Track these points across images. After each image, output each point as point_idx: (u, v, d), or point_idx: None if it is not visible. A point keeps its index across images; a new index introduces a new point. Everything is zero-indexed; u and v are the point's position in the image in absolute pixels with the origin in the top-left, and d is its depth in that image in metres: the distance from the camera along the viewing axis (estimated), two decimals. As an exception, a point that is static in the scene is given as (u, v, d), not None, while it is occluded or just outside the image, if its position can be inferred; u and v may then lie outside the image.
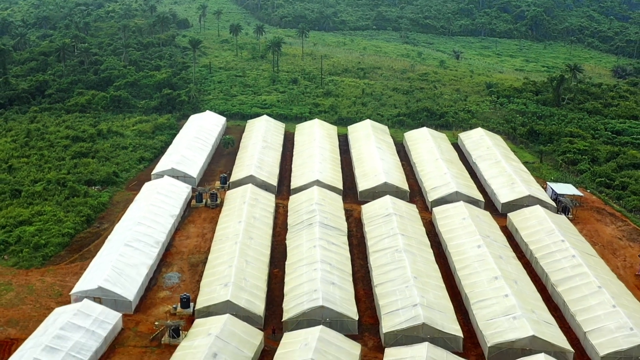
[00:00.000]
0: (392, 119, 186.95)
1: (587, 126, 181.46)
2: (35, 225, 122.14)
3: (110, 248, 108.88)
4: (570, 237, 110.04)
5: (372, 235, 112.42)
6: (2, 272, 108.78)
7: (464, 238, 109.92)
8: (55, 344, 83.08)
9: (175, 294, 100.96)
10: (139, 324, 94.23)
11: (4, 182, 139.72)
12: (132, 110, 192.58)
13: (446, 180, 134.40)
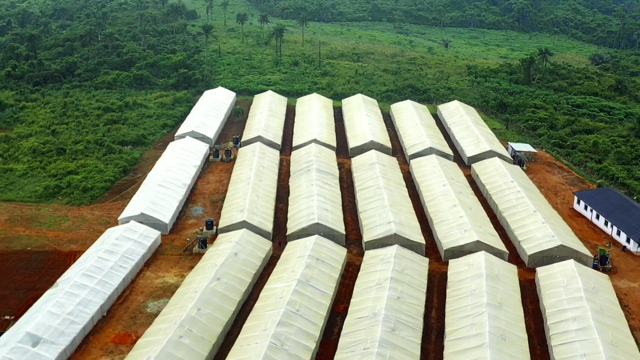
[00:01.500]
0: (381, 94, 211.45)
1: (551, 100, 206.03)
2: (81, 174, 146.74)
3: (147, 188, 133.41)
4: (519, 180, 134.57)
5: (359, 178, 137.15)
6: (58, 208, 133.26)
7: (433, 180, 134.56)
8: (112, 249, 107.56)
9: (201, 221, 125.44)
10: (174, 240, 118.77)
11: (50, 143, 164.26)
12: (152, 87, 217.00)
13: (422, 139, 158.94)
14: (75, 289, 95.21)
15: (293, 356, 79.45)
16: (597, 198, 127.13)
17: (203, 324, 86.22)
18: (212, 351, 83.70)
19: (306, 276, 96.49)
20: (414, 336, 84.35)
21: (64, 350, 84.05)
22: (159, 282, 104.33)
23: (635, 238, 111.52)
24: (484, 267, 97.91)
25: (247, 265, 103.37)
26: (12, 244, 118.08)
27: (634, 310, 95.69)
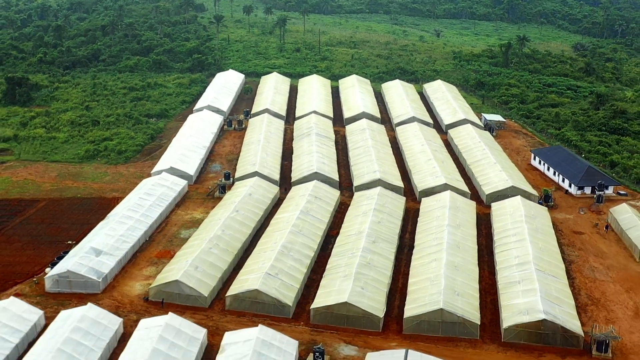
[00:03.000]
0: (374, 76, 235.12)
1: (524, 80, 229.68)
2: (115, 140, 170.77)
3: (173, 149, 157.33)
4: (486, 142, 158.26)
5: (352, 141, 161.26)
6: (99, 167, 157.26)
7: (414, 141, 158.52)
8: (150, 192, 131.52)
9: (220, 174, 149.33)
10: (198, 189, 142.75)
11: (85, 116, 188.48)
12: (170, 70, 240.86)
13: (407, 110, 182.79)
14: (124, 219, 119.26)
15: (296, 260, 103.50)
16: (549, 154, 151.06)
17: (226, 241, 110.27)
18: (234, 260, 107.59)
19: (307, 209, 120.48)
20: (390, 247, 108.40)
21: (119, 261, 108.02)
22: (188, 217, 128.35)
23: (574, 183, 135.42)
24: (448, 201, 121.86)
25: (259, 202, 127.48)
26: (64, 192, 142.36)
27: (566, 233, 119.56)
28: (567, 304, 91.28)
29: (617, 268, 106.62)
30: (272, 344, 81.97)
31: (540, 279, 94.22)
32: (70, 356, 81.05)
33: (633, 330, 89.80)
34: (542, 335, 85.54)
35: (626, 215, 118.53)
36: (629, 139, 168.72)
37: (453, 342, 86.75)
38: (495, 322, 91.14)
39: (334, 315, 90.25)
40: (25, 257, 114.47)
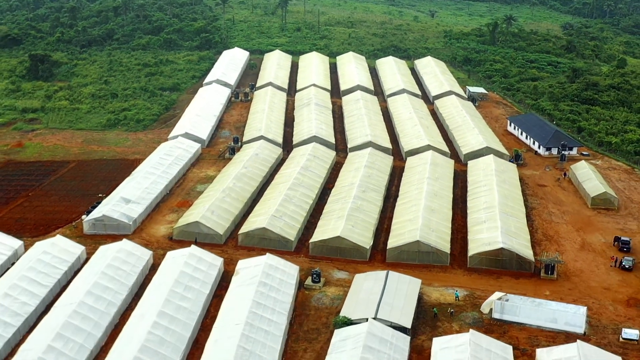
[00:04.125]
0: (369, 53, 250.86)
1: (509, 56, 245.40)
2: (133, 110, 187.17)
3: (187, 117, 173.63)
4: (467, 110, 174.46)
5: (347, 110, 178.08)
6: (120, 134, 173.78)
7: (402, 110, 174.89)
8: (168, 153, 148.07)
9: (229, 139, 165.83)
10: (210, 151, 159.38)
11: (104, 90, 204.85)
12: (179, 48, 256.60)
13: (398, 84, 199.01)
14: (147, 175, 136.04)
15: (297, 206, 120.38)
16: (522, 121, 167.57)
17: (237, 191, 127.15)
18: (244, 207, 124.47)
19: (307, 166, 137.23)
20: (377, 196, 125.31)
21: (146, 208, 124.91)
22: (203, 175, 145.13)
23: (542, 144, 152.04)
24: (430, 159, 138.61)
25: (265, 161, 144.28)
26: (90, 155, 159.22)
27: (531, 185, 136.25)
28: (523, 238, 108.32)
29: (571, 213, 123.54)
30: (278, 268, 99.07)
31: (502, 219, 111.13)
32: (112, 278, 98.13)
33: (577, 259, 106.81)
34: (500, 261, 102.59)
35: (583, 170, 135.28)
36: (597, 108, 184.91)
37: (427, 268, 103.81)
38: (463, 253, 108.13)
39: (329, 248, 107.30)
40: (63, 207, 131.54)
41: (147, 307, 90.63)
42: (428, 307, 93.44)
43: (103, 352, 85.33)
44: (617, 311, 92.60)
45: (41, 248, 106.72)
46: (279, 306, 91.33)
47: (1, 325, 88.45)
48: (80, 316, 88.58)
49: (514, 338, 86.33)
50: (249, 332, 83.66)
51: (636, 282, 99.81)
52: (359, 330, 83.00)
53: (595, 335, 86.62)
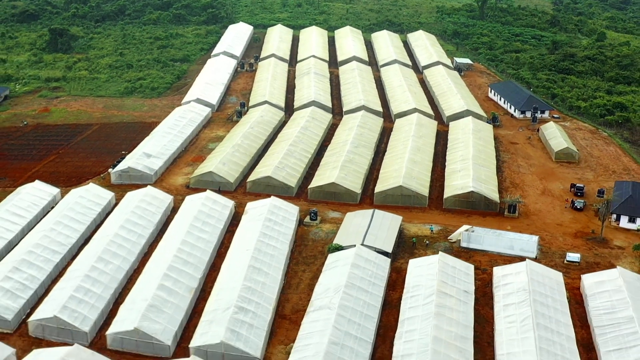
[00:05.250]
0: (365, 27, 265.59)
1: (496, 30, 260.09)
2: (148, 79, 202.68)
3: (197, 85, 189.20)
4: (453, 79, 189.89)
5: (343, 78, 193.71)
6: (137, 100, 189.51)
7: (393, 79, 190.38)
8: (182, 116, 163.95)
9: (236, 104, 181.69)
10: (219, 115, 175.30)
11: (120, 61, 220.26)
12: (188, 23, 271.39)
13: (391, 55, 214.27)
14: (165, 134, 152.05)
15: (298, 159, 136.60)
16: (501, 87, 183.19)
17: (245, 147, 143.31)
18: (251, 160, 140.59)
19: (306, 126, 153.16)
20: (368, 151, 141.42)
21: (165, 161, 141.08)
22: (213, 135, 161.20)
23: (517, 108, 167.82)
24: (415, 120, 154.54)
25: (269, 123, 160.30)
26: (111, 119, 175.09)
27: (505, 143, 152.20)
28: (492, 184, 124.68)
29: (537, 165, 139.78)
30: (281, 208, 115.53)
31: (474, 169, 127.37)
32: (140, 216, 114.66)
33: (537, 202, 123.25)
34: (471, 202, 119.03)
35: (551, 129, 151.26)
36: (573, 77, 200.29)
37: (408, 209, 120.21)
38: (440, 197, 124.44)
39: (325, 192, 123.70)
40: (91, 162, 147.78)
41: (172, 238, 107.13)
42: (407, 239, 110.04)
43: (136, 273, 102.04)
44: (565, 241, 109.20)
45: (77, 194, 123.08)
46: (282, 237, 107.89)
47: (49, 253, 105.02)
48: (116, 245, 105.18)
49: (477, 261, 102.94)
50: (257, 255, 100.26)
51: (585, 220, 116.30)
52: (348, 254, 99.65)
53: (545, 259, 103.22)
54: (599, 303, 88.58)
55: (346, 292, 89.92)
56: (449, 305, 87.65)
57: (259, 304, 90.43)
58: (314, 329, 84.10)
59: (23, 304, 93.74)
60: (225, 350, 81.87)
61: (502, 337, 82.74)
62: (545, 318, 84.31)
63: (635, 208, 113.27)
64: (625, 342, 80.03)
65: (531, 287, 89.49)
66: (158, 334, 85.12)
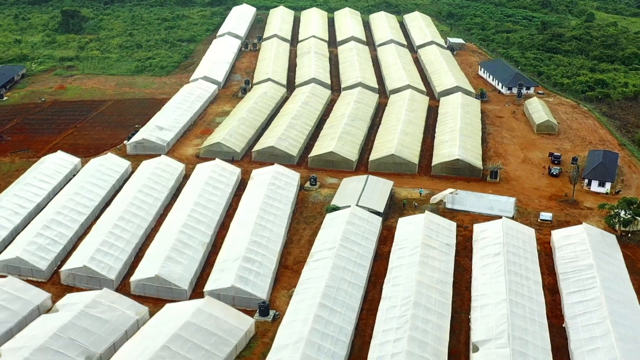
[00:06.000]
0: (363, 9, 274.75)
1: (489, 11, 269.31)
2: (157, 59, 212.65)
3: (204, 64, 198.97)
4: (445, 58, 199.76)
5: (342, 57, 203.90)
6: (147, 78, 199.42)
7: (389, 58, 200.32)
8: (191, 92, 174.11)
9: (241, 82, 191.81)
10: (225, 92, 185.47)
11: (130, 41, 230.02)
12: (193, 4, 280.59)
13: (387, 35, 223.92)
14: (175, 109, 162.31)
15: (299, 131, 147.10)
16: (490, 65, 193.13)
17: (250, 121, 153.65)
18: (256, 132, 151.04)
19: (307, 102, 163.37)
20: (363, 124, 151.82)
21: (176, 134, 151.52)
22: (220, 110, 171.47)
23: (505, 84, 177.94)
24: (408, 96, 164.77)
25: (272, 98, 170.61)
26: (124, 96, 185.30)
27: (491, 117, 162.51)
28: (476, 153, 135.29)
29: (519, 137, 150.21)
30: (284, 174, 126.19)
31: (461, 139, 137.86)
32: (156, 182, 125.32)
33: (517, 169, 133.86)
34: (456, 169, 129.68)
35: (534, 104, 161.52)
36: (559, 56, 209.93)
37: (400, 175, 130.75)
38: (429, 165, 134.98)
39: (323, 160, 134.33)
40: (106, 135, 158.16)
41: (185, 200, 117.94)
42: (398, 201, 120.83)
43: (154, 231, 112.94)
44: (540, 203, 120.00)
45: (96, 162, 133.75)
46: (284, 200, 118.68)
47: (75, 214, 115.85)
48: (135, 206, 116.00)
49: (460, 220, 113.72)
50: (262, 214, 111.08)
51: (559, 185, 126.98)
52: (344, 213, 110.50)
53: (521, 218, 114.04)
54: (564, 254, 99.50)
55: (342, 245, 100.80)
56: (433, 255, 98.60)
57: (265, 255, 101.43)
58: (313, 275, 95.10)
59: (54, 256, 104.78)
60: (235, 293, 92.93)
61: (478, 282, 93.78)
62: (516, 266, 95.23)
63: (604, 174, 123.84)
64: (584, 285, 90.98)
65: (505, 241, 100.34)
66: (176, 280, 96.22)
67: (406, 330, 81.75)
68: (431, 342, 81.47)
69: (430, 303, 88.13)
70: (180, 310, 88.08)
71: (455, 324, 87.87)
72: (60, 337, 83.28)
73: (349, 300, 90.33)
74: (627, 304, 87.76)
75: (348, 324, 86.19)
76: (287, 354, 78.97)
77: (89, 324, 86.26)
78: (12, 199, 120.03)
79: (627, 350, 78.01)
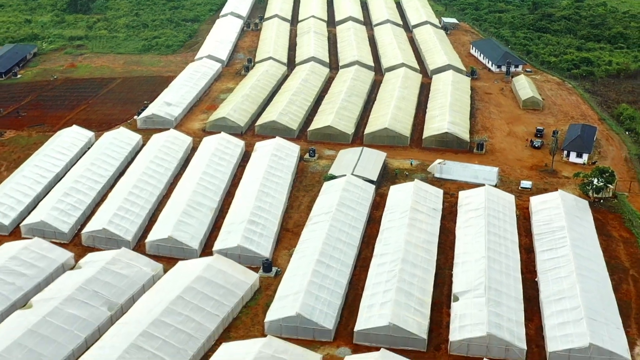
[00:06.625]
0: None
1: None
2: (163, 38, 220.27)
3: (208, 43, 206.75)
4: (439, 37, 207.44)
5: (340, 36, 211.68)
6: (154, 57, 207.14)
7: (385, 37, 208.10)
8: (196, 70, 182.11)
9: (243, 60, 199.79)
10: (229, 69, 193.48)
11: (136, 21, 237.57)
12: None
13: (383, 15, 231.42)
14: (182, 86, 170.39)
15: (299, 107, 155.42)
16: (482, 44, 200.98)
17: (252, 97, 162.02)
18: (258, 108, 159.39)
19: (306, 79, 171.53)
20: (359, 99, 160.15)
21: (183, 109, 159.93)
22: (224, 87, 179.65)
23: (494, 63, 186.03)
24: (402, 74, 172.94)
25: (273, 76, 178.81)
26: (132, 73, 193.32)
27: (480, 93, 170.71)
28: (464, 127, 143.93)
29: (506, 112, 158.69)
30: (285, 146, 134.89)
31: (450, 114, 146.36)
32: (166, 153, 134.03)
33: (502, 142, 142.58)
34: (445, 141, 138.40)
35: (521, 82, 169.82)
36: (548, 35, 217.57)
37: (392, 147, 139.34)
38: (420, 138, 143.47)
39: (322, 134, 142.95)
40: (117, 111, 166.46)
41: (193, 170, 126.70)
42: (391, 171, 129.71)
43: (165, 197, 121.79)
44: (522, 173, 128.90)
45: (110, 136, 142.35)
46: (285, 169, 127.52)
47: (92, 182, 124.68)
48: (147, 175, 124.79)
49: (447, 188, 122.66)
50: (265, 183, 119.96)
51: (540, 156, 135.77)
52: (340, 181, 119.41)
53: (503, 186, 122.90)
54: (540, 217, 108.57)
55: (338, 210, 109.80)
56: (420, 219, 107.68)
57: (268, 219, 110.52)
58: (311, 236, 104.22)
59: (75, 220, 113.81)
60: (241, 252, 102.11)
61: (460, 242, 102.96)
62: (495, 227, 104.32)
63: (582, 145, 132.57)
64: (555, 244, 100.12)
65: (487, 205, 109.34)
66: (187, 241, 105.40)
67: (394, 282, 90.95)
68: (417, 293, 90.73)
69: (417, 260, 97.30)
70: (192, 266, 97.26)
71: (439, 278, 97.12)
72: (85, 289, 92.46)
73: (343, 258, 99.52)
74: (593, 260, 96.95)
75: (343, 278, 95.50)
76: (288, 303, 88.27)
77: (110, 278, 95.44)
78: (33, 169, 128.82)
79: (590, 298, 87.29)
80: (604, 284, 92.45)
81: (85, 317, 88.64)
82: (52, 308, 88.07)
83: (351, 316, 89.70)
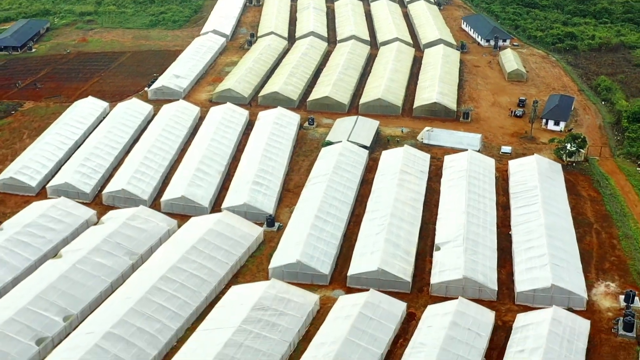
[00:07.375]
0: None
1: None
2: (169, 13, 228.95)
3: (213, 19, 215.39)
4: (432, 12, 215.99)
5: (338, 12, 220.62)
6: (161, 31, 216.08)
7: (380, 13, 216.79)
8: (202, 44, 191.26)
9: (246, 35, 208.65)
10: (233, 44, 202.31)
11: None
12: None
13: None
14: (188, 60, 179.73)
15: (299, 78, 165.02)
16: (472, 19, 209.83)
17: (256, 70, 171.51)
18: (261, 80, 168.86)
19: (306, 53, 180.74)
20: (355, 72, 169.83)
21: (191, 81, 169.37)
22: (229, 60, 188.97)
23: (483, 37, 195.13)
24: (396, 48, 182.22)
25: (275, 50, 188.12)
26: (141, 47, 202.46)
27: (469, 66, 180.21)
28: (452, 97, 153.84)
29: (492, 84, 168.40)
30: (286, 115, 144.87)
31: (439, 84, 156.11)
32: (176, 122, 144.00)
33: (487, 111, 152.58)
34: (434, 111, 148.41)
35: (507, 55, 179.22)
36: (537, 11, 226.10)
37: (385, 117, 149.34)
38: (411, 108, 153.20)
39: (320, 104, 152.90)
40: (129, 83, 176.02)
41: (202, 138, 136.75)
42: (383, 138, 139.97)
43: (176, 162, 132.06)
44: (503, 139, 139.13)
45: (123, 106, 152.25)
46: (286, 136, 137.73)
47: (110, 149, 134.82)
48: (160, 142, 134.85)
49: (434, 153, 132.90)
50: (268, 148, 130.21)
51: (521, 124, 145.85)
52: (337, 147, 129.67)
53: (485, 151, 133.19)
54: (516, 178, 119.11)
55: (334, 172, 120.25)
56: (408, 180, 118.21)
57: (270, 180, 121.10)
58: (310, 196, 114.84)
59: (96, 182, 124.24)
60: (247, 209, 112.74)
61: (444, 199, 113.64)
62: (476, 187, 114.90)
63: (559, 114, 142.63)
64: (528, 202, 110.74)
65: (469, 167, 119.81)
66: (198, 199, 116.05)
67: (384, 234, 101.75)
68: (403, 244, 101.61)
69: (404, 215, 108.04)
70: (203, 222, 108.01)
71: (424, 231, 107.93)
72: (108, 241, 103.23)
73: (339, 214, 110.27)
74: (561, 216, 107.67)
75: (338, 231, 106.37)
76: (289, 252, 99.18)
77: (130, 232, 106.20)
78: (55, 136, 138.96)
79: (555, 247, 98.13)
80: (569, 236, 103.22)
81: (110, 265, 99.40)
82: (81, 257, 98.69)
83: (345, 264, 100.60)
